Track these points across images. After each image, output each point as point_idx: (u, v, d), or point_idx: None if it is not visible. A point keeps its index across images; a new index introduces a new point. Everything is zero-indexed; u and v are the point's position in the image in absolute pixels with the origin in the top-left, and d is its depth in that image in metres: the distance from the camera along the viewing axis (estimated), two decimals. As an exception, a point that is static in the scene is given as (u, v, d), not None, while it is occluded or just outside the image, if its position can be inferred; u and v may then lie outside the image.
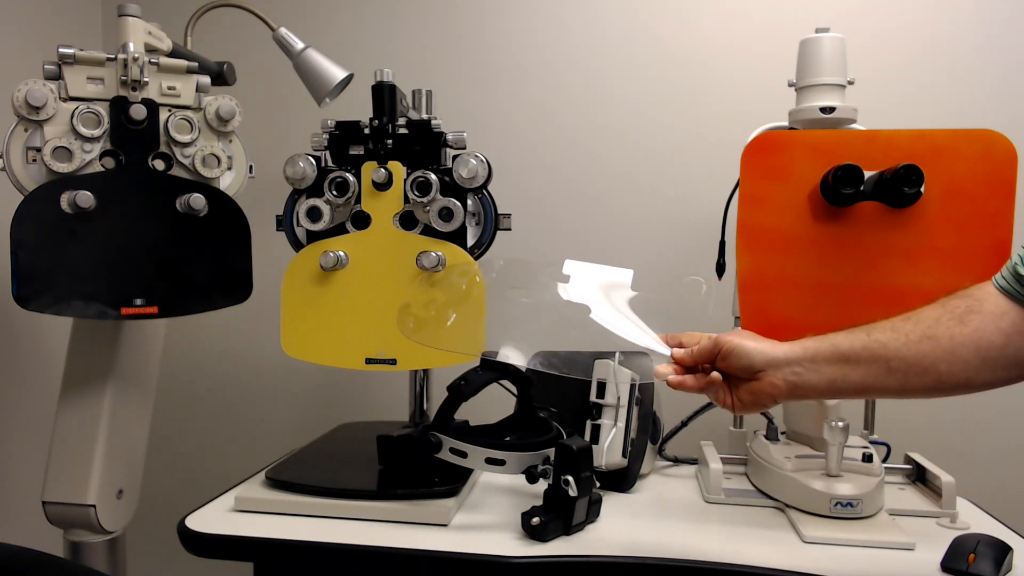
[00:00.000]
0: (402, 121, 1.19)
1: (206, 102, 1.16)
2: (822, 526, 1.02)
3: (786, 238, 1.09)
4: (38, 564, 0.81)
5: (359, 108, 1.23)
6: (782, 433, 1.25)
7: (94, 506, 1.17)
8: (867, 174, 1.05)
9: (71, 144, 1.08)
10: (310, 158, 1.17)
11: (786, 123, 1.24)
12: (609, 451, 1.14)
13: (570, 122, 1.62)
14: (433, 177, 1.14)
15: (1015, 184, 1.05)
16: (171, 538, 1.02)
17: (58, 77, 1.09)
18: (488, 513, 1.08)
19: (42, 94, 1.06)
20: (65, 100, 1.10)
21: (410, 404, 1.34)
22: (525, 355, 0.95)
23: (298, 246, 1.20)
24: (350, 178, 1.16)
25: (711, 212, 1.33)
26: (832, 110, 1.17)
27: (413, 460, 1.04)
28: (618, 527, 1.04)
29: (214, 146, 1.16)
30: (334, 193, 1.16)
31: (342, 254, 1.16)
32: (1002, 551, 0.91)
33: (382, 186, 1.16)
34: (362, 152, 1.18)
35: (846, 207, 1.08)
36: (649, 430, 1.21)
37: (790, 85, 1.23)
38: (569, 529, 0.99)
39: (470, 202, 1.17)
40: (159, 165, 1.14)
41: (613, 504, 1.12)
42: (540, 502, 1.00)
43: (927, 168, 1.02)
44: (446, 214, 1.14)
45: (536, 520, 0.96)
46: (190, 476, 1.78)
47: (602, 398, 1.16)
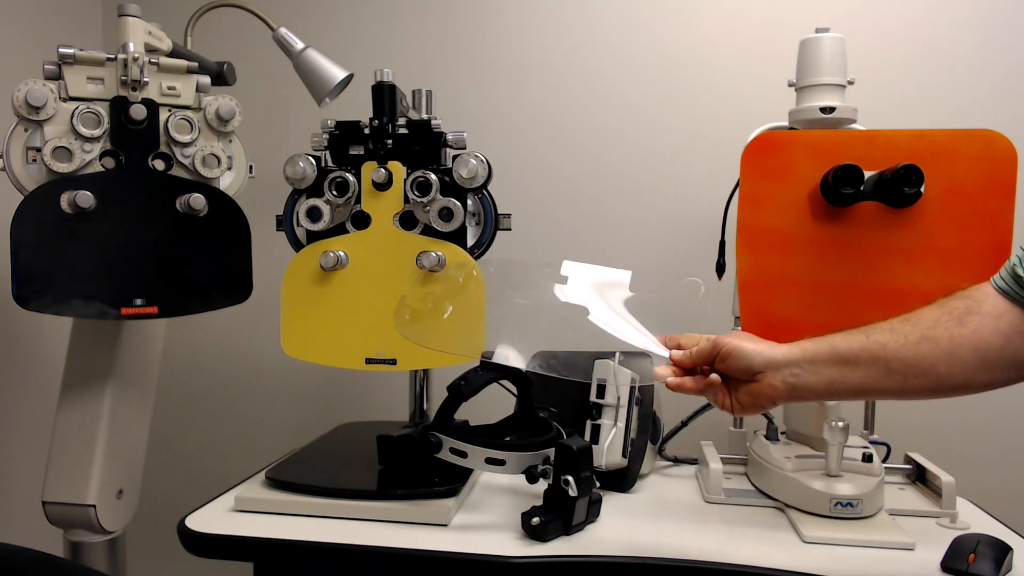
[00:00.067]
0: (402, 121, 1.19)
1: (206, 102, 1.16)
2: (822, 526, 1.02)
3: (786, 238, 1.09)
4: (38, 564, 0.81)
5: (359, 108, 1.23)
6: (782, 433, 1.25)
7: (94, 506, 1.17)
8: (867, 174, 1.05)
9: (71, 144, 1.08)
10: (310, 158, 1.17)
11: (786, 123, 1.24)
12: (609, 451, 1.14)
13: (570, 122, 1.62)
14: (433, 177, 1.14)
15: (1015, 184, 1.05)
16: (171, 538, 1.02)
17: (58, 77, 1.09)
18: (488, 513, 1.08)
19: (42, 94, 1.06)
20: (65, 100, 1.10)
21: (410, 404, 1.34)
22: (524, 357, 0.95)
23: (298, 246, 1.20)
24: (350, 178, 1.16)
25: (711, 212, 1.33)
26: (832, 110, 1.17)
27: (413, 460, 1.04)
28: (618, 527, 1.04)
29: (214, 146, 1.16)
30: (334, 193, 1.16)
31: (342, 254, 1.16)
32: (1002, 551, 0.91)
33: (382, 186, 1.16)
34: (362, 152, 1.18)
35: (846, 207, 1.08)
36: (649, 430, 1.21)
37: (790, 85, 1.23)
38: (569, 529, 0.99)
39: (470, 202, 1.17)
40: (159, 165, 1.14)
41: (613, 504, 1.12)
42: (540, 502, 1.00)
43: (927, 168, 1.02)
44: (446, 214, 1.14)
45: (536, 520, 0.97)
46: (190, 476, 1.78)
47: (602, 398, 1.16)
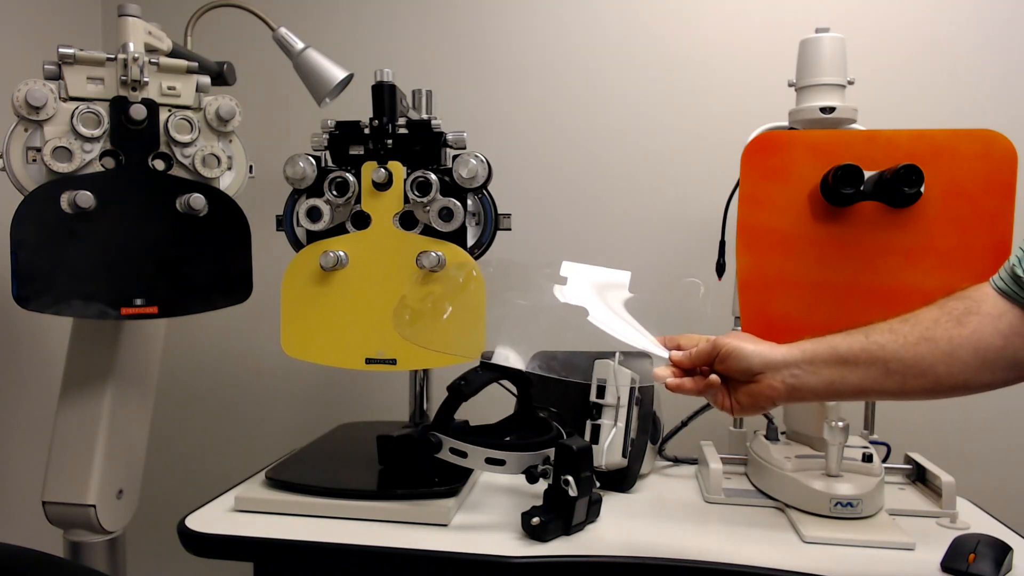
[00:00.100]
0: (402, 121, 1.19)
1: (206, 102, 1.16)
2: (822, 526, 1.02)
3: (786, 238, 1.09)
4: (38, 564, 0.81)
5: (359, 108, 1.23)
6: (782, 433, 1.25)
7: (94, 506, 1.17)
8: (867, 174, 1.05)
9: (71, 144, 1.08)
10: (310, 158, 1.17)
11: (786, 123, 1.23)
12: (609, 451, 1.14)
13: (570, 122, 1.62)
14: (433, 177, 1.14)
15: (1015, 184, 1.05)
16: (171, 538, 1.02)
17: (58, 77, 1.09)
18: (488, 513, 1.08)
19: (42, 94, 1.06)
20: (65, 100, 1.10)
21: (410, 404, 1.34)
22: (523, 357, 0.95)
23: (298, 246, 1.20)
24: (350, 178, 1.16)
25: (711, 212, 1.33)
26: (832, 110, 1.17)
27: (413, 460, 1.04)
28: (618, 527, 1.04)
29: (214, 146, 1.16)
30: (334, 193, 1.16)
31: (342, 254, 1.16)
32: (1002, 551, 0.91)
33: (382, 186, 1.16)
34: (362, 152, 1.18)
35: (846, 207, 1.08)
36: (649, 430, 1.21)
37: (790, 85, 1.23)
38: (569, 529, 0.99)
39: (470, 202, 1.17)
40: (159, 165, 1.14)
41: (613, 504, 1.12)
42: (540, 502, 1.00)
43: (927, 168, 1.02)
44: (446, 214, 1.14)
45: (536, 520, 0.96)
46: (190, 476, 1.78)
47: (602, 398, 1.16)
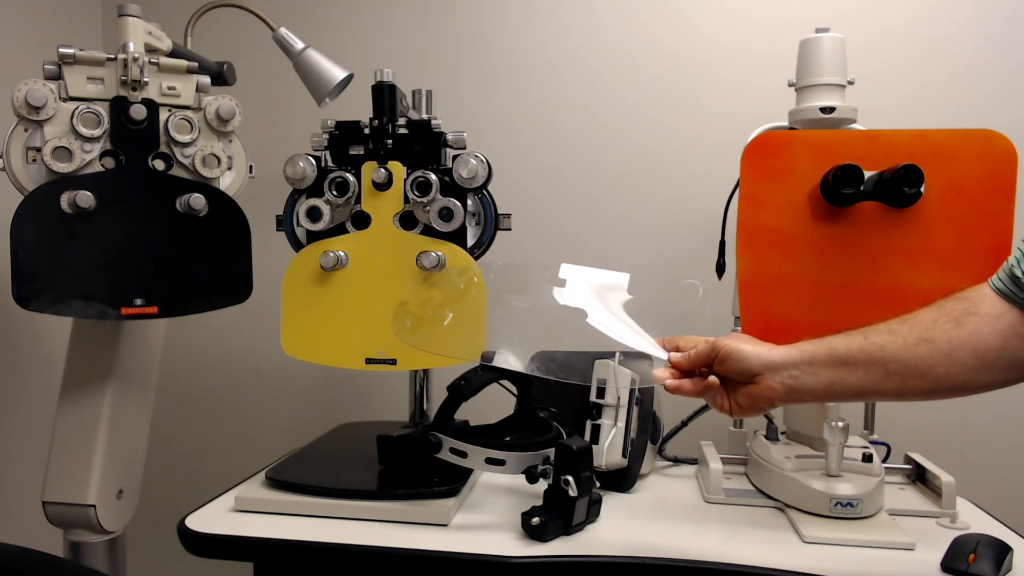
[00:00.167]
0: (402, 121, 1.19)
1: (206, 102, 1.16)
2: (822, 526, 1.02)
3: (786, 238, 1.09)
4: (38, 564, 0.81)
5: (359, 108, 1.23)
6: (782, 433, 1.25)
7: (94, 506, 1.17)
8: (867, 174, 1.05)
9: (71, 144, 1.08)
10: (310, 158, 1.17)
11: (786, 123, 1.23)
12: (609, 451, 1.14)
13: (570, 122, 1.62)
14: (433, 177, 1.14)
15: (1015, 184, 1.05)
16: (171, 538, 1.02)
17: (58, 77, 1.09)
18: (488, 513, 1.08)
19: (42, 94, 1.06)
20: (65, 100, 1.10)
21: (410, 404, 1.34)
22: (522, 359, 0.95)
23: (298, 246, 1.20)
24: (350, 178, 1.16)
25: (711, 212, 1.33)
26: (832, 110, 1.17)
27: (413, 460, 1.04)
28: (618, 527, 1.04)
29: (214, 146, 1.16)
30: (334, 193, 1.16)
31: (342, 254, 1.16)
32: (1002, 551, 0.91)
33: (382, 186, 1.16)
34: (362, 152, 1.18)
35: (846, 207, 1.08)
36: (649, 430, 1.21)
37: (790, 85, 1.23)
38: (569, 529, 0.99)
39: (470, 202, 1.17)
40: (159, 165, 1.14)
41: (613, 504, 1.12)
42: (540, 502, 1.00)
43: (927, 168, 1.02)
44: (446, 214, 1.14)
45: (536, 520, 0.96)
46: (190, 476, 1.78)
47: (602, 398, 1.16)
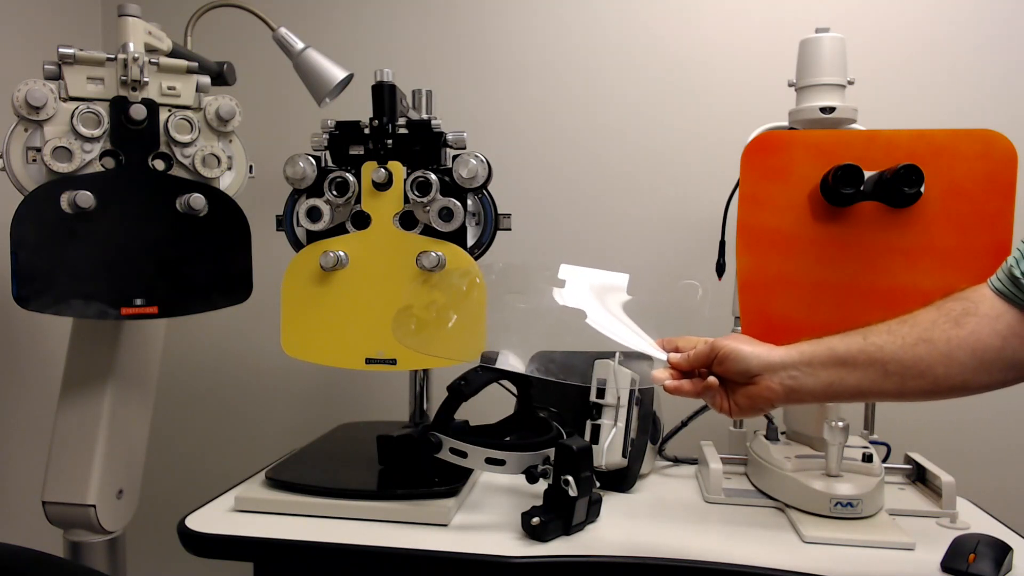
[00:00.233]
0: (402, 121, 1.19)
1: (206, 102, 1.16)
2: (822, 526, 1.02)
3: (786, 238, 1.09)
4: (38, 564, 0.81)
5: (359, 108, 1.23)
6: (782, 433, 1.25)
7: (94, 506, 1.17)
8: (867, 174, 1.05)
9: (71, 144, 1.08)
10: (310, 158, 1.17)
11: (786, 123, 1.23)
12: (609, 451, 1.14)
13: (570, 122, 1.62)
14: (433, 177, 1.14)
15: (1015, 184, 1.05)
16: (171, 538, 1.02)
17: (58, 77, 1.09)
18: (488, 513, 1.08)
19: (42, 94, 1.06)
20: (65, 100, 1.09)
21: (410, 404, 1.34)
22: (522, 360, 0.95)
23: (298, 246, 1.20)
24: (350, 178, 1.16)
25: (711, 212, 1.33)
26: (832, 110, 1.17)
27: (413, 460, 1.04)
28: (618, 527, 1.04)
29: (214, 146, 1.16)
30: (334, 193, 1.16)
31: (342, 254, 1.16)
32: (1002, 551, 0.91)
33: (382, 186, 1.16)
34: (362, 152, 1.18)
35: (846, 207, 1.08)
36: (649, 430, 1.21)
37: (790, 85, 1.23)
38: (569, 529, 0.99)
39: (470, 202, 1.17)
40: (159, 165, 1.14)
41: (613, 504, 1.12)
42: (540, 502, 1.00)
43: (927, 168, 1.02)
44: (446, 214, 1.14)
45: (536, 520, 0.96)
46: (190, 476, 1.78)
47: (602, 398, 1.16)
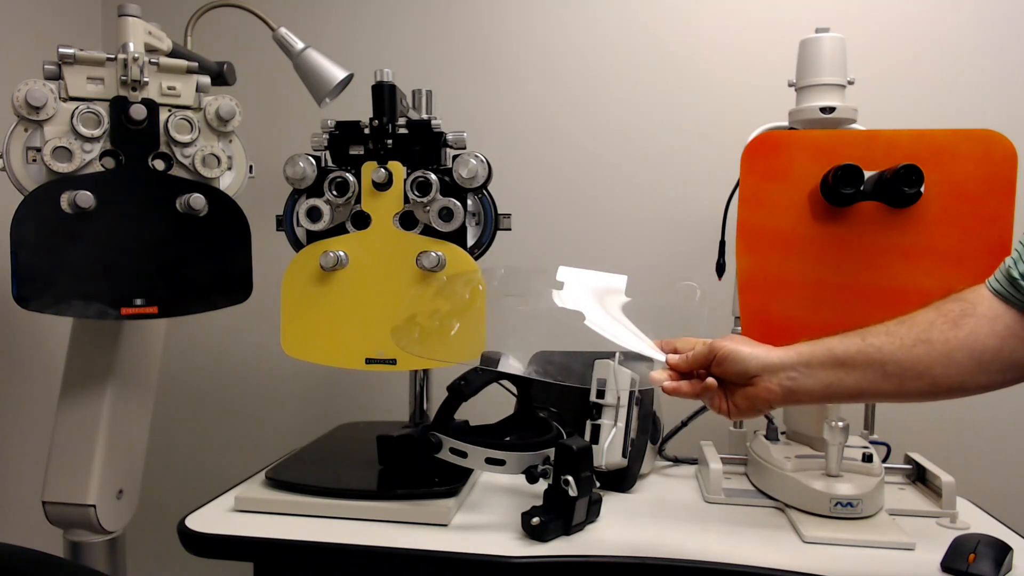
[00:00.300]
0: (402, 121, 1.19)
1: (206, 102, 1.16)
2: (822, 526, 1.02)
3: (786, 238, 1.09)
4: (38, 564, 0.81)
5: (359, 108, 1.23)
6: (782, 433, 1.25)
7: (94, 506, 1.17)
8: (867, 174, 1.05)
9: (71, 144, 1.08)
10: (310, 158, 1.17)
11: (786, 123, 1.23)
12: (609, 451, 1.14)
13: (570, 122, 1.62)
14: (433, 177, 1.14)
15: (1015, 184, 1.05)
16: (171, 538, 1.02)
17: (58, 77, 1.09)
18: (488, 513, 1.08)
19: (42, 94, 1.06)
20: (65, 100, 1.09)
21: (410, 404, 1.34)
22: (521, 361, 0.95)
23: (298, 246, 1.20)
24: (350, 178, 1.16)
25: (711, 212, 1.33)
26: (832, 110, 1.17)
27: (413, 460, 1.04)
28: (618, 527, 1.04)
29: (214, 146, 1.16)
30: (334, 193, 1.16)
31: (342, 254, 1.16)
32: (1002, 551, 0.91)
33: (382, 186, 1.16)
34: (362, 152, 1.18)
35: (846, 207, 1.08)
36: (649, 430, 1.21)
37: (790, 85, 1.23)
38: (569, 529, 0.99)
39: (470, 202, 1.17)
40: (159, 165, 1.14)
41: (613, 504, 1.12)
42: (540, 502, 1.00)
43: (927, 168, 1.02)
44: (446, 214, 1.14)
45: (536, 520, 0.96)
46: (190, 476, 1.78)
47: (602, 398, 1.16)
